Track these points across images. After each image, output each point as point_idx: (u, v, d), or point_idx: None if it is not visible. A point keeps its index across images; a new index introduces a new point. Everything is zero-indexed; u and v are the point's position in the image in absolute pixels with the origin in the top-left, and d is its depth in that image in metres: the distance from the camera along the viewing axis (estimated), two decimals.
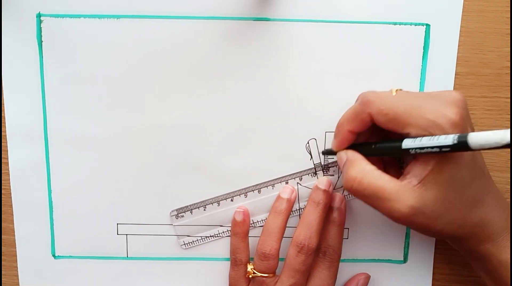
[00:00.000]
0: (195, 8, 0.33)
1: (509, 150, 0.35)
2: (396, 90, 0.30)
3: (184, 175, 0.35)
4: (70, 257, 0.37)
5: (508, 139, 0.23)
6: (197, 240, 0.36)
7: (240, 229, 0.35)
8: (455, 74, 0.34)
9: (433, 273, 0.37)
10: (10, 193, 0.36)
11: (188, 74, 0.34)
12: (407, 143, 0.28)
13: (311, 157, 0.35)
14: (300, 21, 0.33)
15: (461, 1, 0.33)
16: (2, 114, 0.35)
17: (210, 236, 0.36)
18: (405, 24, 0.33)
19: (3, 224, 0.37)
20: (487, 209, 0.29)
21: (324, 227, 0.34)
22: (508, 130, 0.23)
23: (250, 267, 0.34)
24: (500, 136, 0.23)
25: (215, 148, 0.35)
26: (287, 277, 0.32)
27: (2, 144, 0.35)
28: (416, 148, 0.27)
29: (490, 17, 0.33)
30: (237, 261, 0.35)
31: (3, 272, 0.37)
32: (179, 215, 0.36)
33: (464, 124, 0.27)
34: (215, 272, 0.37)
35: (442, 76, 0.34)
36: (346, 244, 0.36)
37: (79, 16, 0.33)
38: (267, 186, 0.35)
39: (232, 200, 0.36)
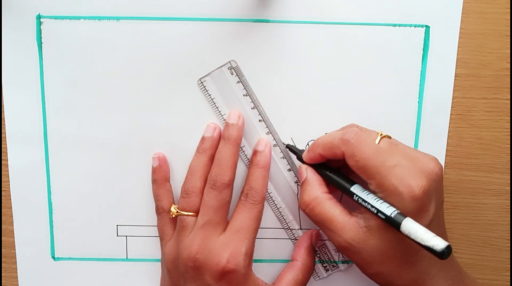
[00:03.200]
0: (195, 10, 0.33)
1: (509, 152, 0.35)
2: (382, 137, 0.29)
3: (184, 176, 0.35)
4: (70, 258, 0.37)
5: (431, 246, 0.25)
6: None
7: (157, 176, 0.34)
8: (455, 76, 0.34)
9: None
10: (10, 195, 0.36)
11: (188, 76, 0.34)
12: (354, 189, 0.29)
13: None
14: (299, 23, 0.33)
15: (460, 2, 0.33)
16: (2, 116, 0.35)
17: None
18: (404, 26, 0.33)
19: (2, 226, 0.36)
20: (426, 277, 0.29)
21: (248, 170, 0.34)
22: (438, 243, 0.24)
23: (173, 207, 0.34)
24: (425, 238, 0.25)
25: None
26: (201, 215, 0.32)
27: (2, 145, 0.35)
28: (359, 198, 0.29)
29: (490, 19, 0.33)
30: (159, 209, 0.35)
31: (2, 274, 0.37)
32: None
33: (426, 200, 0.27)
34: None
35: (442, 77, 0.34)
36: None
37: (78, 18, 0.33)
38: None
39: None
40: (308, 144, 0.35)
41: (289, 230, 0.36)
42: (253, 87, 0.34)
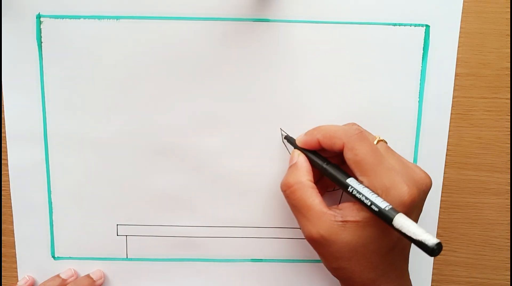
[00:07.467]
0: (194, 9, 0.33)
1: (509, 151, 0.35)
2: (379, 141, 0.31)
3: (184, 175, 0.35)
4: (70, 258, 0.37)
5: (422, 241, 0.25)
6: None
7: None
8: (455, 75, 0.34)
9: (433, 274, 0.37)
10: (10, 194, 0.36)
11: (188, 75, 0.34)
12: (350, 182, 0.29)
13: None
14: (300, 22, 0.33)
15: (460, 2, 0.33)
16: (2, 115, 0.35)
17: (209, 237, 0.36)
18: (405, 25, 0.33)
19: (2, 225, 0.37)
20: (384, 280, 0.30)
21: None
22: (430, 238, 0.25)
23: None
24: (417, 233, 0.25)
25: (215, 149, 0.35)
26: None
27: (2, 145, 0.35)
28: (355, 190, 0.29)
29: (490, 18, 0.33)
30: None
31: (3, 273, 0.37)
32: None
33: (411, 208, 0.28)
34: (215, 273, 0.37)
35: (442, 77, 0.34)
36: None
37: (78, 17, 0.33)
38: None
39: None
40: None
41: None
42: (252, 86, 0.34)
